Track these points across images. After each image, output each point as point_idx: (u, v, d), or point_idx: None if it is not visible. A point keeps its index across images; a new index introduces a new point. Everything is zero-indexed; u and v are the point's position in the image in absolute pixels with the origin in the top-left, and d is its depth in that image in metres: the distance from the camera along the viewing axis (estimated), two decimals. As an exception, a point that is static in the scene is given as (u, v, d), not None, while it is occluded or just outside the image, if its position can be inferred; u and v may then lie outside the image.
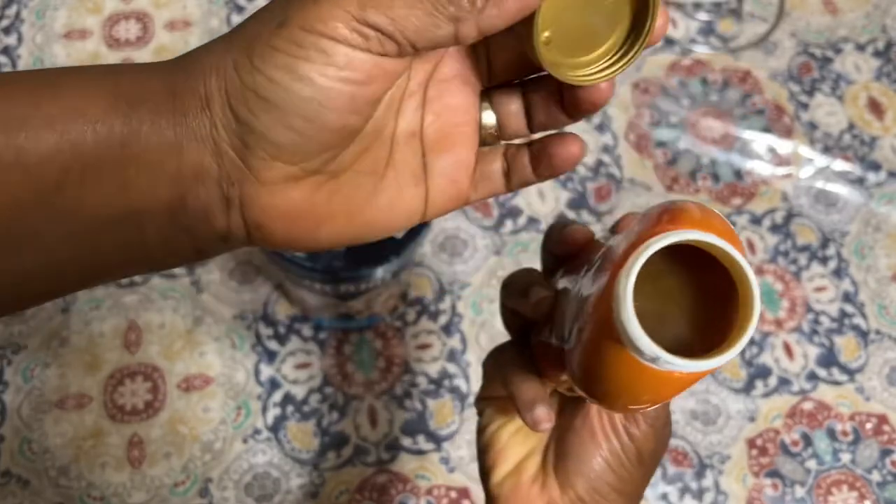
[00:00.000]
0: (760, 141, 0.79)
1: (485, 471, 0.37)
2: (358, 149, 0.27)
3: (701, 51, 0.84)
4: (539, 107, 0.29)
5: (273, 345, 0.70)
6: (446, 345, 0.70)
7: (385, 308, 0.70)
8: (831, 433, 0.68)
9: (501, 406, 0.37)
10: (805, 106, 0.81)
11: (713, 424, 0.68)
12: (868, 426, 0.68)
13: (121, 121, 0.25)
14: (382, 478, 0.66)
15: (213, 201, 0.26)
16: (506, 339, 0.40)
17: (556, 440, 0.35)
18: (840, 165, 0.78)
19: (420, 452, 0.67)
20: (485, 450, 0.37)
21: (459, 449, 0.67)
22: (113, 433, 0.66)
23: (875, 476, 0.67)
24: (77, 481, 0.64)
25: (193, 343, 0.69)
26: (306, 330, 0.70)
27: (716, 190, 0.77)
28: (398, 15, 0.24)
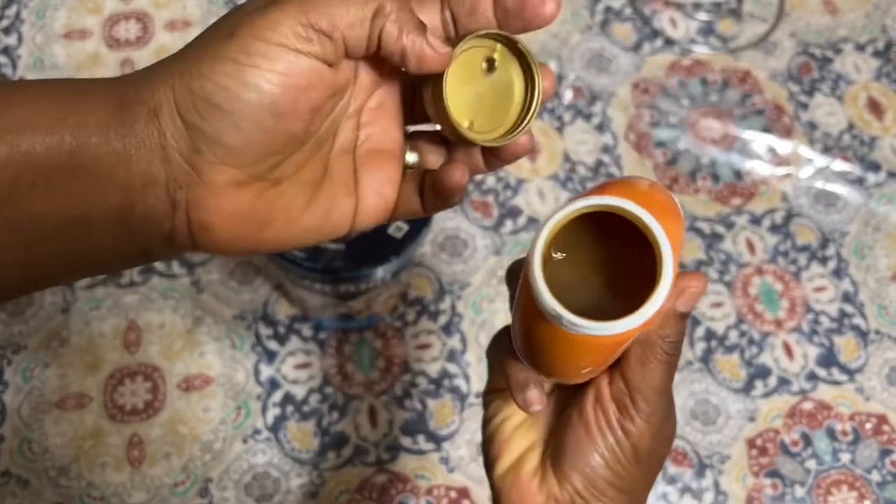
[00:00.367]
0: (760, 141, 0.79)
1: (488, 462, 0.37)
2: (299, 159, 0.30)
3: (701, 51, 0.84)
4: (462, 160, 0.33)
5: (273, 345, 0.70)
6: (446, 345, 0.70)
7: (385, 308, 0.70)
8: (831, 433, 0.68)
9: (506, 398, 0.37)
10: (805, 106, 0.81)
11: (713, 424, 0.68)
12: (868, 426, 0.68)
13: (70, 132, 0.26)
14: (382, 478, 0.66)
15: (161, 204, 0.28)
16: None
17: (555, 435, 0.35)
18: (840, 165, 0.78)
19: (420, 452, 0.67)
20: (489, 441, 0.37)
21: (459, 449, 0.67)
22: (113, 433, 0.66)
23: (875, 476, 0.67)
24: (77, 481, 0.64)
25: (193, 343, 0.69)
26: (306, 330, 0.70)
27: (715, 190, 0.77)
28: (334, 13, 0.27)
